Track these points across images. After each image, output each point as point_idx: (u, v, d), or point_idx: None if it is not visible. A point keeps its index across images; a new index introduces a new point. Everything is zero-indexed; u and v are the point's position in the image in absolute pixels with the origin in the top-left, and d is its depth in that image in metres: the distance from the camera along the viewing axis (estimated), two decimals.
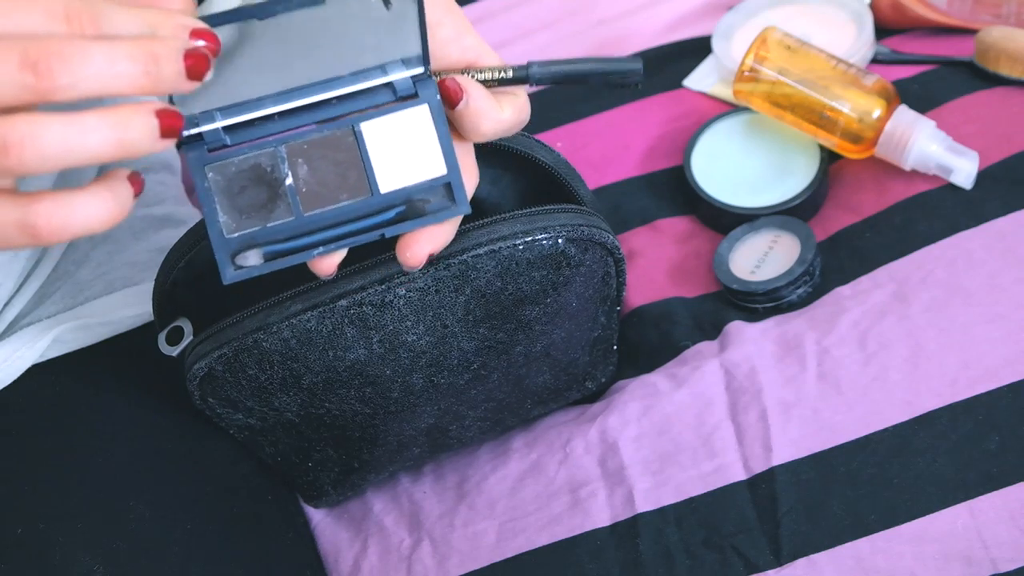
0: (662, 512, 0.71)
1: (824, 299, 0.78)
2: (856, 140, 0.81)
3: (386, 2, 0.55)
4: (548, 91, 0.96)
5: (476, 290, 0.66)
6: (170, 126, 0.47)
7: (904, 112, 0.80)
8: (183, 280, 0.68)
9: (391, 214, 0.58)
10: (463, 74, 0.59)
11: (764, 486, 0.70)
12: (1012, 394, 0.69)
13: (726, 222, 0.83)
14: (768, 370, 0.74)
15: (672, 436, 0.73)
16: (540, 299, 0.68)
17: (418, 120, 0.58)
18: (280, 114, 0.57)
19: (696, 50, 0.96)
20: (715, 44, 0.93)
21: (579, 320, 0.72)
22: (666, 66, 0.96)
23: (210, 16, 0.50)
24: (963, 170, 0.79)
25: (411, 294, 0.65)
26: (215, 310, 0.66)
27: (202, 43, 0.48)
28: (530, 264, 0.66)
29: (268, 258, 0.56)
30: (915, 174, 0.81)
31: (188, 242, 0.67)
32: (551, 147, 0.70)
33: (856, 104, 0.81)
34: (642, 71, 0.60)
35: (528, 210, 0.66)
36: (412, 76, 0.58)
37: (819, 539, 0.68)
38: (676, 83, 0.94)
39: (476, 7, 1.09)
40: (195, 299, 0.68)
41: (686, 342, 0.79)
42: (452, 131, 0.59)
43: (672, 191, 0.88)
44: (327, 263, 0.57)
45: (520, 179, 0.71)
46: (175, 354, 0.67)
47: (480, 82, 0.59)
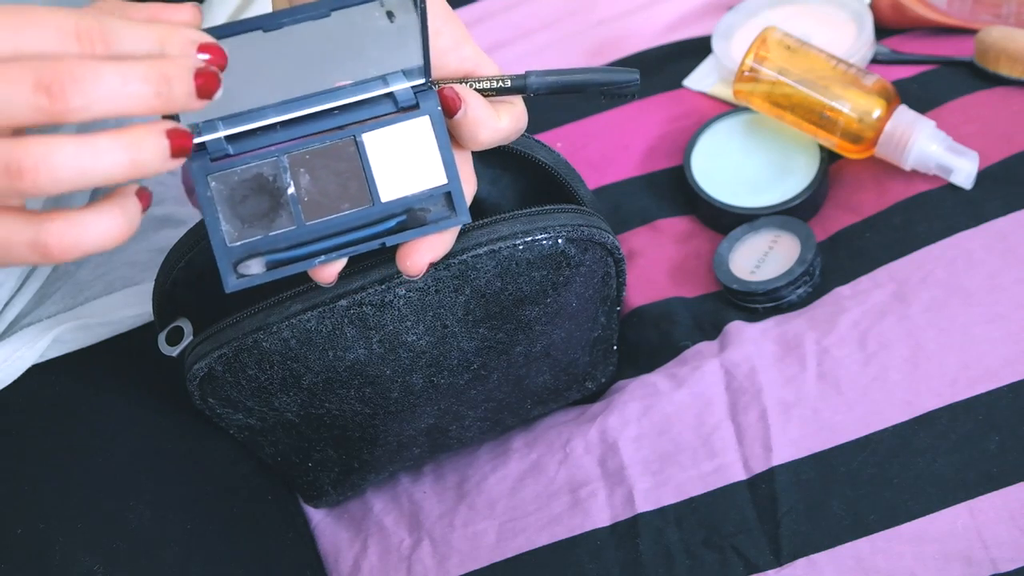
0: (662, 512, 0.71)
1: (824, 299, 0.78)
2: (856, 140, 0.81)
3: (389, 15, 0.55)
4: None
5: (476, 290, 0.66)
6: (180, 146, 0.48)
7: (904, 112, 0.80)
8: (183, 280, 0.68)
9: (392, 223, 0.58)
10: (461, 83, 0.59)
11: (764, 486, 0.70)
12: (1012, 394, 0.69)
13: (726, 222, 0.83)
14: (768, 370, 0.74)
15: (672, 436, 0.73)
16: (540, 299, 0.68)
17: (419, 130, 0.59)
18: (282, 124, 0.57)
19: (696, 50, 0.96)
20: (715, 44, 0.93)
21: (579, 320, 0.72)
22: (666, 66, 0.96)
23: (216, 28, 0.51)
24: (963, 170, 0.79)
25: (411, 294, 0.65)
26: (215, 310, 0.66)
27: (208, 57, 0.48)
28: (530, 264, 0.66)
29: (270, 267, 0.57)
30: (915, 174, 0.81)
31: (188, 242, 0.67)
32: (551, 147, 0.70)
33: (856, 104, 0.81)
34: (638, 81, 0.61)
35: (528, 210, 0.66)
36: (413, 87, 0.58)
37: (819, 539, 0.68)
38: (676, 83, 0.94)
39: (476, 7, 1.09)
40: (195, 299, 0.68)
41: (686, 342, 0.79)
42: (450, 140, 0.59)
43: (672, 191, 0.88)
44: (328, 272, 0.58)
45: (520, 179, 0.71)
46: (175, 354, 0.67)
47: (478, 91, 0.59)
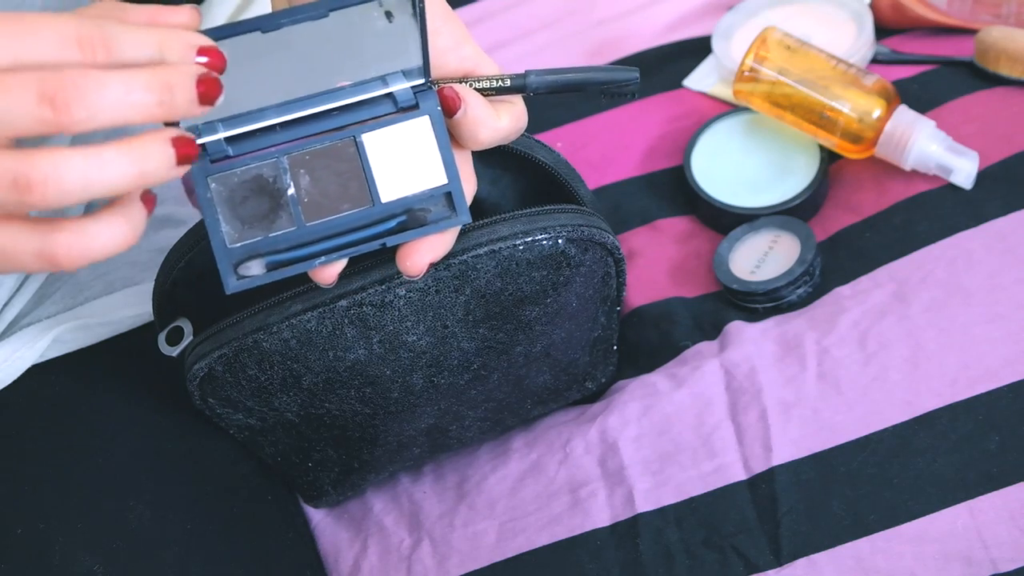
0: (662, 512, 0.71)
1: (824, 299, 0.78)
2: (856, 140, 0.81)
3: (388, 14, 0.55)
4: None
5: (476, 290, 0.66)
6: (186, 154, 0.48)
7: (904, 112, 0.80)
8: (183, 280, 0.68)
9: (392, 224, 0.58)
10: (461, 83, 0.59)
11: (764, 486, 0.70)
12: (1012, 394, 0.69)
13: (726, 222, 0.83)
14: (768, 370, 0.74)
15: (672, 436, 0.73)
16: (540, 299, 0.68)
17: (419, 131, 0.58)
18: (282, 125, 0.57)
19: (696, 50, 0.96)
20: (715, 44, 0.93)
21: (579, 320, 0.72)
22: (666, 66, 0.96)
23: (215, 29, 0.51)
24: (963, 170, 0.79)
25: (411, 294, 0.65)
26: (215, 310, 0.66)
27: (207, 60, 0.48)
28: (530, 264, 0.66)
29: (270, 268, 0.57)
30: (915, 174, 0.81)
31: (188, 242, 0.67)
32: (551, 147, 0.70)
33: (856, 104, 0.81)
34: (638, 80, 0.61)
35: (528, 210, 0.66)
36: (412, 87, 0.58)
37: (819, 539, 0.68)
38: (676, 83, 0.94)
39: (476, 7, 1.09)
40: (195, 299, 0.68)
41: (686, 342, 0.79)
42: (450, 140, 0.59)
43: (672, 191, 0.88)
44: (328, 272, 0.58)
45: (520, 179, 0.71)
46: (175, 354, 0.67)
47: (478, 91, 0.59)
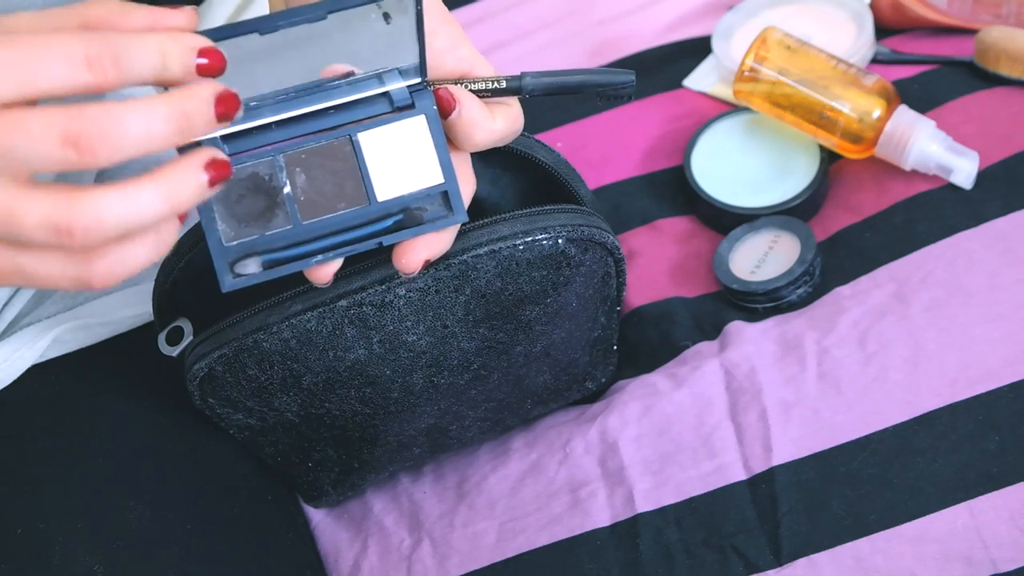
0: (662, 512, 0.71)
1: (824, 299, 0.78)
2: (856, 140, 0.81)
3: (386, 16, 0.55)
4: None
5: (476, 290, 0.66)
6: (220, 176, 0.49)
7: (904, 112, 0.80)
8: (183, 280, 0.68)
9: (388, 223, 0.58)
10: (456, 84, 0.59)
11: (764, 486, 0.70)
12: (1012, 394, 0.69)
13: (726, 222, 0.83)
14: (768, 370, 0.74)
15: (672, 436, 0.73)
16: (540, 299, 0.68)
17: (415, 130, 0.58)
18: (278, 123, 0.57)
19: (696, 50, 0.96)
20: (715, 44, 0.93)
21: (579, 320, 0.72)
22: (666, 66, 0.96)
23: (214, 30, 0.51)
24: (963, 170, 0.79)
25: (411, 294, 0.65)
26: (215, 310, 0.66)
27: (207, 61, 0.49)
28: (530, 264, 0.66)
29: (267, 266, 0.57)
30: (915, 174, 0.81)
31: (188, 242, 0.67)
32: (551, 147, 0.70)
33: (856, 104, 0.81)
34: (634, 83, 0.61)
35: (528, 210, 0.66)
36: (409, 86, 0.58)
37: (819, 539, 0.68)
38: (676, 83, 0.94)
39: (476, 7, 1.09)
40: (195, 299, 0.68)
41: (686, 342, 0.79)
42: (447, 141, 0.59)
43: (672, 191, 0.88)
44: (324, 271, 0.58)
45: (520, 179, 0.71)
46: (175, 354, 0.67)
47: (473, 92, 0.59)
